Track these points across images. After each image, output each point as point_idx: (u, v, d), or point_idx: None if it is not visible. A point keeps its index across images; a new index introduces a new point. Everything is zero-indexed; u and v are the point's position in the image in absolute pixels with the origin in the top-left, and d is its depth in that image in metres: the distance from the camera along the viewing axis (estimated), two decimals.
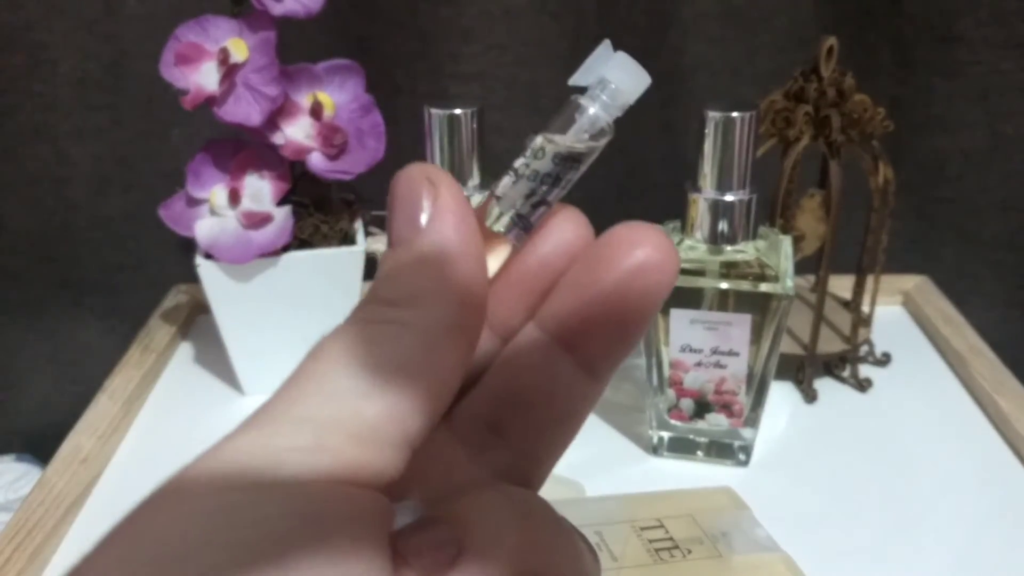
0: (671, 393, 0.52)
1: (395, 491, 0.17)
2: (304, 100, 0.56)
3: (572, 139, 0.18)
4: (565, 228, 0.19)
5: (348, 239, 0.58)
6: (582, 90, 0.18)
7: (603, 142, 0.18)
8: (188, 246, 0.57)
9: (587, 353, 0.19)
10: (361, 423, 0.16)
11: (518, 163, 0.18)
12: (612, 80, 0.18)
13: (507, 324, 0.20)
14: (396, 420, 0.16)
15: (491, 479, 0.19)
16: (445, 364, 0.17)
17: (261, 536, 0.14)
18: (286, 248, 0.56)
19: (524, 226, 0.18)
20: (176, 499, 0.15)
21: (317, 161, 0.55)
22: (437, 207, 0.17)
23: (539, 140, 0.18)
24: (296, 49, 0.56)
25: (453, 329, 0.17)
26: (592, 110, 0.18)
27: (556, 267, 0.19)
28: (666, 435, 0.54)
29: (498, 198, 0.18)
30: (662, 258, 0.18)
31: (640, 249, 0.18)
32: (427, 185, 0.18)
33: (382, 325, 0.17)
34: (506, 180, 0.18)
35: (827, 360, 0.61)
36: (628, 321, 0.18)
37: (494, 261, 0.19)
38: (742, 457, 0.53)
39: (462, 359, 0.18)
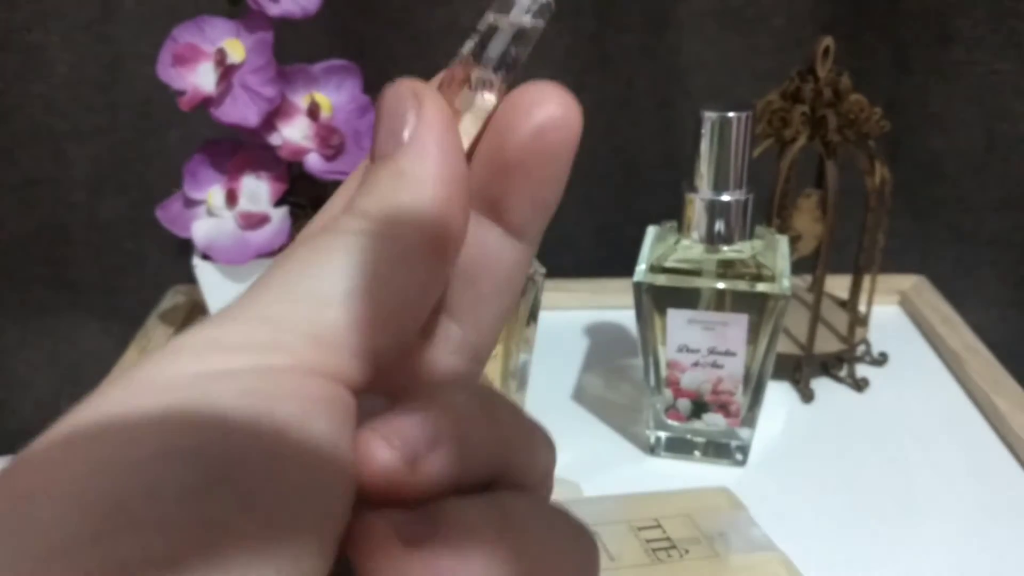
0: (668, 393, 0.52)
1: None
2: (301, 101, 0.56)
3: (517, 16, 0.18)
4: (549, 102, 0.18)
5: None
6: None
7: (545, 18, 0.18)
8: (185, 247, 0.57)
9: (512, 219, 0.19)
10: (321, 326, 0.16)
11: (468, 44, 0.19)
12: None
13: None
14: (358, 330, 0.16)
15: (445, 357, 0.19)
16: (415, 282, 0.17)
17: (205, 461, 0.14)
18: (283, 249, 0.56)
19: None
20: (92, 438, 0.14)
21: (314, 162, 0.55)
22: (420, 122, 0.17)
23: (488, 20, 0.18)
24: (293, 50, 0.56)
25: (426, 248, 0.17)
26: None
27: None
28: (663, 435, 0.54)
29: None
30: (563, 114, 0.18)
31: (540, 108, 0.18)
32: (412, 99, 0.18)
33: (355, 236, 0.17)
34: (464, 50, 0.19)
35: (824, 360, 0.61)
36: (541, 182, 0.18)
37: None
38: (739, 457, 0.53)
39: (435, 279, 0.17)
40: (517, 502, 0.17)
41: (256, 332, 0.16)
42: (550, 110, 0.18)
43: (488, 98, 0.18)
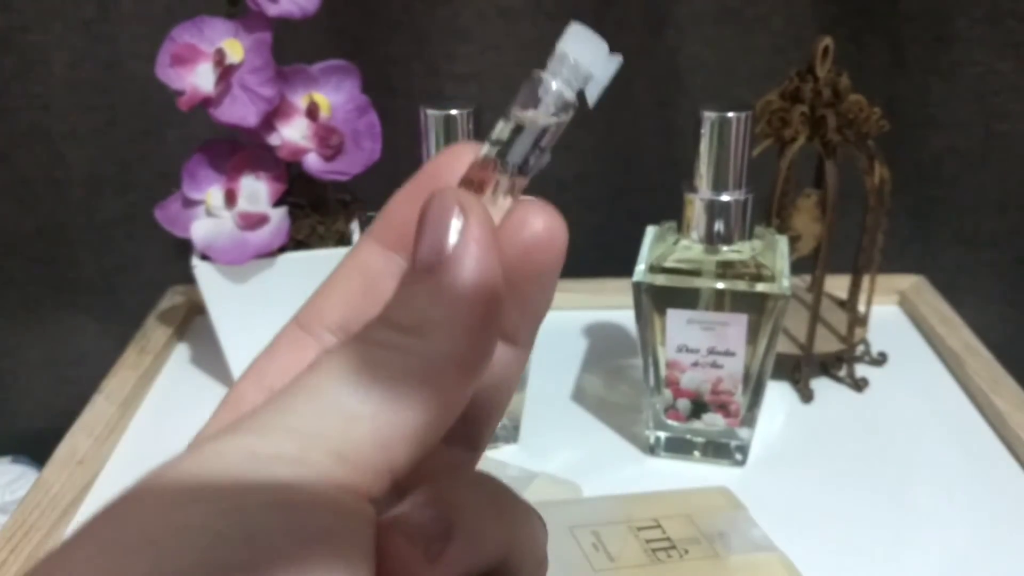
0: (668, 393, 0.52)
1: None
2: (300, 101, 0.56)
3: (539, 116, 0.18)
4: (535, 222, 0.19)
5: (344, 240, 0.58)
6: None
7: (568, 115, 0.18)
8: (184, 247, 0.57)
9: (506, 327, 0.19)
10: (346, 443, 0.16)
11: (489, 144, 0.19)
12: (569, 53, 0.18)
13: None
14: (382, 447, 0.16)
15: (445, 448, 0.19)
16: (443, 399, 0.17)
17: (243, 555, 0.14)
18: (282, 249, 0.56)
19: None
20: (154, 505, 0.15)
21: (313, 162, 0.55)
22: (464, 238, 0.17)
23: (504, 122, 0.18)
24: (292, 50, 0.56)
25: (458, 365, 0.17)
26: (555, 85, 0.18)
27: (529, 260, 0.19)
28: (663, 435, 0.54)
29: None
30: (548, 236, 0.18)
31: (526, 228, 0.18)
32: (458, 212, 0.17)
33: (387, 350, 0.17)
34: (485, 153, 0.19)
35: (823, 360, 0.62)
36: (528, 296, 0.19)
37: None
38: (739, 457, 0.53)
39: (463, 395, 0.18)
40: None
41: (287, 444, 0.16)
42: (535, 231, 0.18)
43: (508, 202, 0.19)
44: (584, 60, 0.18)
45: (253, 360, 0.20)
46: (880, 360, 0.63)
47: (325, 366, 0.17)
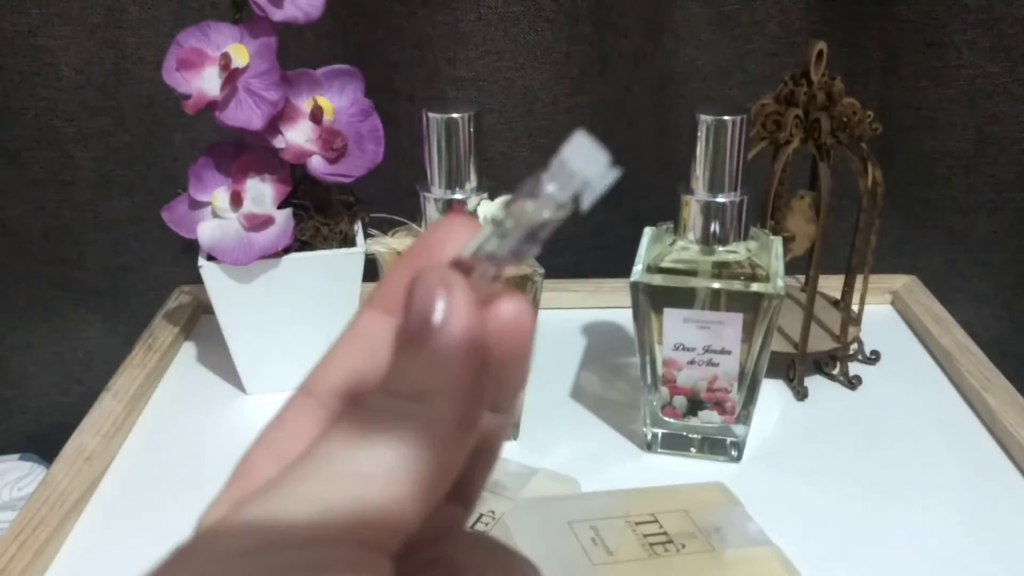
0: (664, 391, 0.53)
1: None
2: (304, 104, 0.56)
3: (533, 211, 0.19)
4: (505, 310, 0.20)
5: (348, 241, 0.59)
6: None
7: (561, 216, 0.19)
8: (191, 248, 0.58)
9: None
10: (362, 504, 0.17)
11: (484, 235, 0.20)
12: (569, 161, 0.19)
13: None
14: (396, 506, 0.18)
15: (443, 505, 0.21)
16: (446, 456, 0.18)
17: None
18: (287, 250, 0.56)
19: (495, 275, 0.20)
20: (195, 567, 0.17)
21: (317, 164, 0.56)
22: (450, 310, 0.18)
23: (502, 214, 0.20)
24: (296, 54, 0.57)
25: (457, 425, 0.18)
26: (550, 188, 0.19)
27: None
28: (660, 432, 0.55)
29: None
30: (514, 326, 0.20)
31: (494, 318, 0.19)
32: (442, 289, 0.19)
33: (392, 416, 0.18)
34: (479, 242, 0.20)
35: (817, 358, 0.62)
36: (506, 376, 0.20)
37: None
38: (734, 453, 0.54)
39: (462, 452, 0.19)
40: None
41: (307, 510, 0.17)
42: (503, 320, 0.19)
43: (495, 285, 0.20)
44: (583, 171, 0.19)
45: (262, 430, 0.21)
46: (873, 359, 0.64)
47: (335, 434, 0.18)
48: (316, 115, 0.56)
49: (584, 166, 0.19)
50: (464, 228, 0.20)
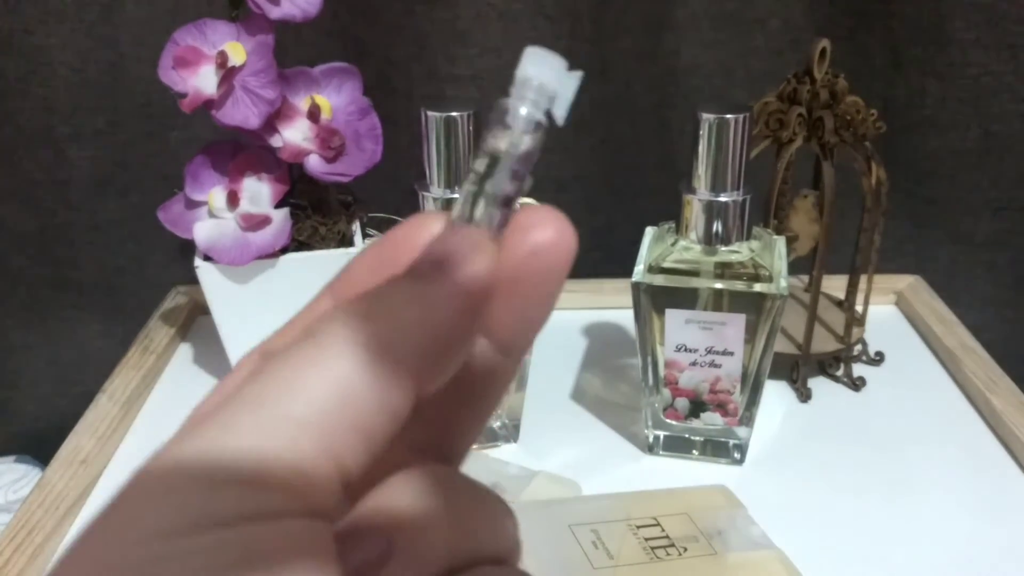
0: (666, 392, 0.53)
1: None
2: (302, 103, 0.56)
3: (512, 141, 0.18)
4: (545, 228, 0.19)
5: (346, 241, 0.58)
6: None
7: (539, 136, 0.19)
8: (187, 248, 0.57)
9: (499, 334, 0.19)
10: (298, 458, 0.16)
11: (468, 182, 0.19)
12: (531, 76, 0.18)
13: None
14: (332, 458, 0.16)
15: (410, 456, 0.19)
16: (395, 402, 0.17)
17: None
18: (284, 250, 0.56)
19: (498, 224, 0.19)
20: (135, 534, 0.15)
21: (315, 163, 0.56)
22: (477, 259, 0.17)
23: (481, 154, 0.19)
24: (293, 52, 0.57)
25: (412, 370, 0.17)
26: (523, 110, 0.18)
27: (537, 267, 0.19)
28: (662, 434, 0.54)
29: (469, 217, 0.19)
30: (558, 239, 0.18)
31: (537, 231, 0.18)
32: (478, 243, 0.18)
33: (335, 339, 0.17)
34: (464, 197, 0.19)
35: (821, 359, 0.62)
36: (532, 300, 0.19)
37: None
38: (737, 456, 0.54)
39: (405, 405, 0.17)
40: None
41: (236, 466, 0.15)
42: (547, 234, 0.18)
43: (496, 223, 0.19)
44: (546, 80, 0.18)
45: (216, 387, 0.19)
46: (877, 360, 0.64)
47: (267, 374, 0.17)
48: (314, 114, 0.55)
49: (546, 76, 0.18)
50: (436, 220, 0.19)
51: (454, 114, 0.49)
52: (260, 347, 0.20)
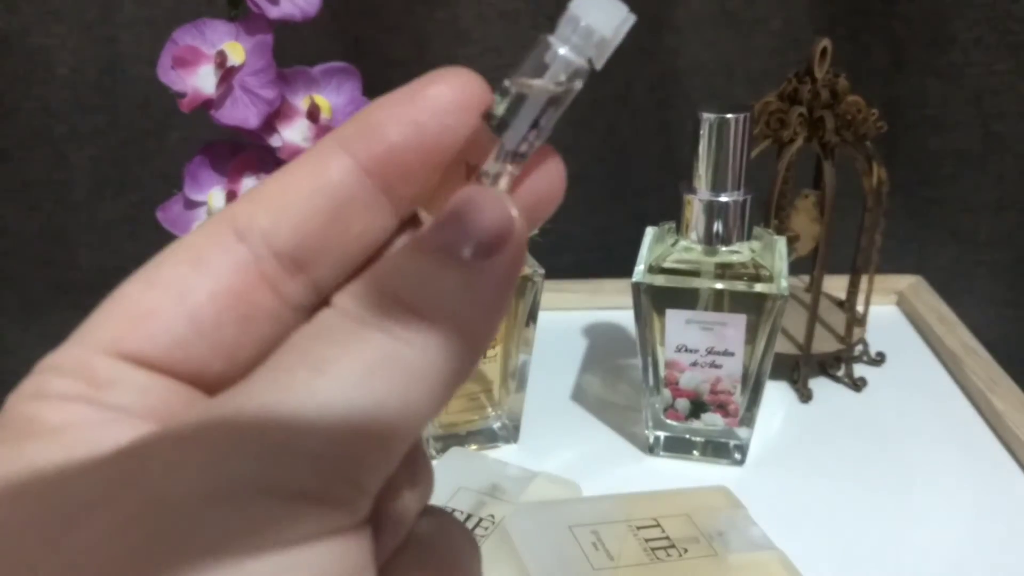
0: (667, 393, 0.52)
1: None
2: (301, 103, 0.56)
3: (546, 84, 0.16)
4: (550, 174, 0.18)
5: None
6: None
7: (578, 84, 0.17)
8: None
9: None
10: (322, 458, 0.15)
11: (495, 113, 0.17)
12: (582, 16, 0.16)
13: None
14: (349, 478, 0.15)
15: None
16: (429, 411, 0.16)
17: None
18: None
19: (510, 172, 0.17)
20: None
21: None
22: (510, 238, 0.16)
23: (511, 86, 0.17)
24: (293, 52, 0.57)
25: (471, 363, 0.16)
26: (563, 51, 0.16)
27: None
28: (662, 435, 0.54)
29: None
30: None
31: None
32: (505, 208, 0.17)
33: (388, 340, 0.16)
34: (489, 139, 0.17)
35: (822, 360, 0.62)
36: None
37: None
38: (738, 456, 0.54)
39: (445, 401, 0.17)
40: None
41: (266, 449, 0.14)
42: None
43: (507, 181, 0.17)
44: (598, 23, 0.16)
45: (168, 258, 0.17)
46: (878, 360, 0.63)
47: (305, 341, 0.15)
48: (313, 113, 0.55)
49: (599, 19, 0.16)
50: (473, 83, 0.18)
51: None
52: (228, 217, 0.17)
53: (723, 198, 0.49)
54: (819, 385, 0.61)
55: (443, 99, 0.17)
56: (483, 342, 0.16)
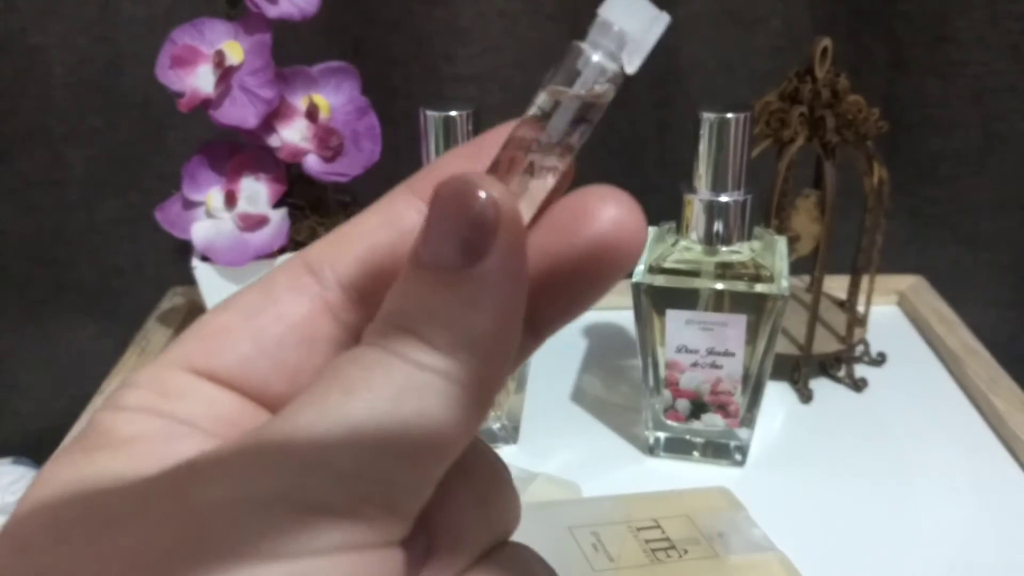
0: (667, 394, 0.52)
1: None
2: (300, 102, 0.56)
3: (577, 91, 0.16)
4: (605, 213, 0.16)
5: None
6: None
7: (614, 87, 0.16)
8: (184, 249, 0.57)
9: (538, 324, 0.18)
10: (366, 488, 0.15)
11: (530, 115, 0.17)
12: (613, 20, 0.16)
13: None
14: (404, 490, 0.16)
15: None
16: (463, 432, 0.16)
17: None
18: (283, 250, 0.56)
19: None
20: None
21: (313, 163, 0.55)
22: (503, 246, 0.15)
23: (544, 96, 0.16)
24: (291, 51, 0.56)
25: (479, 394, 0.16)
26: (595, 58, 0.16)
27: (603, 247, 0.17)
28: (662, 436, 0.54)
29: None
30: (618, 230, 0.16)
31: (602, 213, 0.16)
32: (492, 210, 0.16)
33: (414, 370, 0.16)
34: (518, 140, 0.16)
35: (822, 360, 0.62)
36: (589, 290, 0.17)
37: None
38: (738, 457, 0.53)
39: (479, 423, 0.17)
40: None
41: (315, 478, 0.14)
42: (614, 215, 0.16)
43: (548, 182, 0.16)
44: (630, 27, 0.16)
45: (245, 289, 0.18)
46: (879, 360, 0.63)
47: (339, 374, 0.15)
48: (312, 113, 0.55)
49: (631, 23, 0.16)
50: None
51: (453, 114, 0.49)
52: (302, 254, 0.18)
53: (723, 198, 0.49)
54: (820, 385, 0.61)
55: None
56: (502, 350, 0.16)
